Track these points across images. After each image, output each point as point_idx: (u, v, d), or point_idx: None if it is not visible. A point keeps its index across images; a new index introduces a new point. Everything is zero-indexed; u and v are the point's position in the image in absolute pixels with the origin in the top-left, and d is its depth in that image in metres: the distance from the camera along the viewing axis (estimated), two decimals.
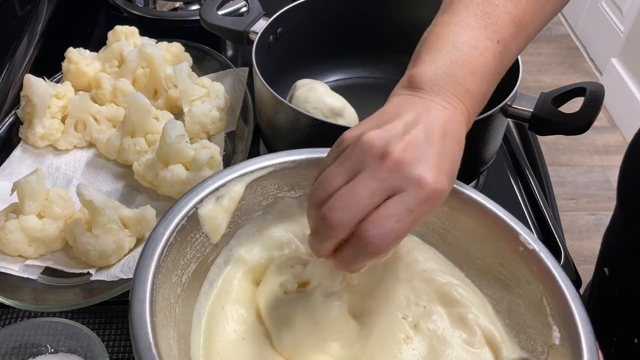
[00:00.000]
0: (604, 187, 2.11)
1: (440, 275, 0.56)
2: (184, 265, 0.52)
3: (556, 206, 0.89)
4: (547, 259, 0.51)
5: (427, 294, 0.55)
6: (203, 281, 0.54)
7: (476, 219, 0.56)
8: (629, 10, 2.33)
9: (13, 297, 0.63)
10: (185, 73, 0.82)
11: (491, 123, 0.70)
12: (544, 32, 2.54)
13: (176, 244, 0.50)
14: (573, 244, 1.90)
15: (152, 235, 0.49)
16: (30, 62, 0.97)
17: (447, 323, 0.54)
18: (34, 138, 0.80)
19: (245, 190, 0.56)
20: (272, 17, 0.82)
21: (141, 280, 0.46)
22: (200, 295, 0.54)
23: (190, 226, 0.52)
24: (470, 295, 0.55)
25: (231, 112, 0.85)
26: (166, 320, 0.47)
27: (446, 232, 0.58)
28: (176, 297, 0.50)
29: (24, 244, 0.67)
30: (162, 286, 0.47)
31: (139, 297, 0.45)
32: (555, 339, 0.49)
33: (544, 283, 0.51)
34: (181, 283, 0.51)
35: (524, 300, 0.53)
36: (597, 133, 2.29)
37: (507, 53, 0.52)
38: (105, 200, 0.67)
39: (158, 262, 0.47)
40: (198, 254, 0.54)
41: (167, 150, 0.71)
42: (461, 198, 0.56)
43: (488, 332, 0.53)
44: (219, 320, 0.52)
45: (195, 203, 0.52)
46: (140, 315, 0.44)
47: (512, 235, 0.54)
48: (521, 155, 0.88)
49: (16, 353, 0.57)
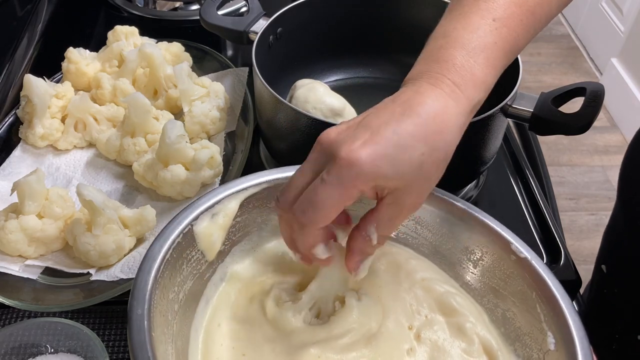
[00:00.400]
0: (604, 187, 2.11)
1: (439, 284, 0.57)
2: (181, 282, 0.52)
3: (556, 206, 0.89)
4: (539, 267, 0.52)
5: (428, 303, 0.56)
6: (200, 298, 0.55)
7: (467, 230, 0.57)
8: (629, 10, 2.33)
9: (13, 297, 0.63)
10: (185, 73, 0.81)
11: (491, 123, 0.70)
12: (544, 32, 2.52)
13: (172, 261, 0.50)
14: (573, 244, 1.90)
15: (148, 252, 0.49)
16: (30, 62, 0.97)
17: (447, 333, 0.54)
18: (34, 138, 0.80)
19: (240, 207, 0.56)
20: (272, 17, 0.82)
21: (139, 296, 0.46)
22: (197, 312, 0.54)
23: (186, 243, 0.52)
24: (468, 304, 0.56)
25: (231, 112, 0.85)
26: (164, 337, 0.47)
27: (440, 245, 0.59)
28: (174, 313, 0.50)
29: (24, 244, 0.66)
30: (159, 302, 0.48)
31: (137, 312, 0.45)
32: (550, 344, 0.50)
33: (537, 290, 0.52)
34: (178, 300, 0.51)
35: (517, 308, 0.54)
36: (597, 133, 2.29)
37: (509, 32, 0.51)
38: (105, 200, 0.67)
39: (155, 278, 0.48)
40: (194, 271, 0.54)
41: (167, 151, 0.71)
42: (452, 210, 0.57)
43: (485, 341, 0.53)
44: (215, 338, 0.52)
45: (191, 220, 0.53)
46: (139, 330, 0.44)
47: (504, 244, 0.54)
48: (521, 155, 0.88)
49: (16, 353, 0.57)
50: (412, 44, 0.92)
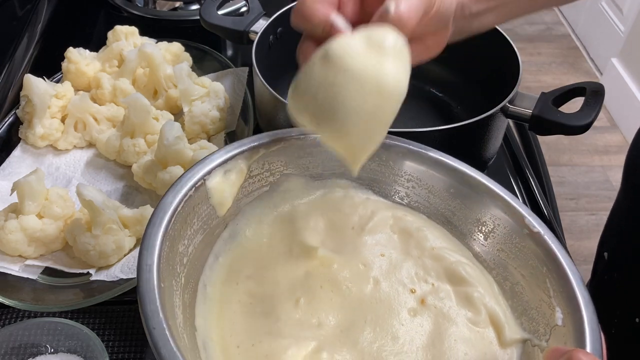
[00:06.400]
0: (604, 187, 2.11)
1: (449, 253, 0.57)
2: (191, 235, 0.52)
3: (556, 206, 0.89)
4: (552, 242, 0.52)
5: (436, 271, 0.56)
6: (209, 253, 0.55)
7: (482, 202, 0.57)
8: (629, 10, 2.33)
9: (13, 297, 0.63)
10: (185, 73, 0.81)
11: (491, 123, 0.70)
12: (544, 32, 2.53)
13: (183, 214, 0.50)
14: (573, 244, 1.90)
15: (160, 204, 0.49)
16: (30, 62, 0.97)
17: (453, 301, 0.54)
18: (34, 138, 0.80)
19: (253, 165, 0.57)
20: (272, 17, 0.82)
21: (149, 246, 0.46)
22: (205, 267, 0.54)
23: (198, 197, 0.52)
24: (478, 275, 0.56)
25: (231, 112, 0.85)
26: (172, 288, 0.47)
27: (451, 215, 0.59)
28: (182, 266, 0.50)
29: (24, 244, 0.67)
30: (168, 254, 0.48)
31: (147, 262, 0.45)
32: (558, 319, 0.49)
33: (547, 265, 0.52)
34: (187, 253, 0.51)
35: (527, 282, 0.54)
36: (597, 133, 2.29)
37: None
38: (105, 200, 0.67)
39: (166, 229, 0.48)
40: (205, 225, 0.54)
41: (165, 152, 0.71)
42: (467, 181, 0.57)
43: (493, 312, 0.53)
44: (233, 296, 0.53)
45: (204, 174, 0.53)
46: (148, 281, 0.44)
47: (518, 218, 0.55)
48: (521, 155, 0.88)
49: (16, 353, 0.57)
50: None
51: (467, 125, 0.67)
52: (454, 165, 0.58)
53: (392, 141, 0.59)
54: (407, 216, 0.60)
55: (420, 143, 0.60)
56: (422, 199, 0.61)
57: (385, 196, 0.62)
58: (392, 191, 0.61)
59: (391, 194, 0.61)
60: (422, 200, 0.61)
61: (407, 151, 0.59)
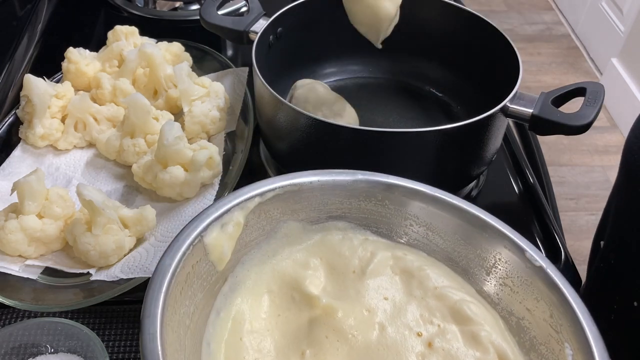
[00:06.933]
0: (604, 187, 2.10)
1: (453, 292, 0.56)
2: (192, 295, 0.51)
3: (556, 206, 0.89)
4: (555, 276, 0.51)
5: (441, 311, 0.55)
6: (210, 310, 0.53)
7: (483, 238, 0.57)
8: (629, 10, 2.33)
9: (13, 297, 0.63)
10: (185, 73, 0.81)
11: (491, 123, 0.70)
12: (544, 32, 2.52)
13: (183, 274, 0.49)
14: (573, 244, 1.90)
15: (159, 266, 0.48)
16: (30, 62, 0.97)
17: (460, 342, 0.53)
18: (34, 138, 0.80)
19: (249, 215, 0.56)
20: (272, 17, 0.82)
21: (151, 314, 0.45)
22: (207, 324, 0.53)
23: (196, 255, 0.51)
24: (483, 312, 0.55)
25: (231, 112, 0.85)
26: (177, 354, 0.46)
27: (452, 251, 0.59)
28: (185, 328, 0.49)
29: (24, 244, 0.66)
30: (171, 319, 0.47)
31: (149, 331, 0.44)
32: (568, 356, 0.49)
33: (552, 300, 0.51)
34: (189, 314, 0.50)
35: (532, 317, 0.53)
36: (597, 133, 2.29)
37: None
38: (105, 200, 0.67)
39: (166, 294, 0.46)
40: (204, 282, 0.53)
41: (165, 152, 0.71)
42: (466, 218, 0.57)
43: (501, 350, 0.52)
44: (239, 352, 0.52)
45: (200, 231, 0.52)
46: (152, 352, 0.43)
47: (519, 252, 0.54)
48: (521, 155, 0.88)
49: (16, 353, 0.57)
50: (412, 44, 0.92)
51: (467, 125, 0.67)
52: (452, 202, 0.58)
53: (390, 180, 0.59)
54: (407, 255, 0.59)
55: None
56: (421, 236, 0.60)
57: (383, 235, 0.61)
58: (390, 230, 0.61)
59: (390, 233, 0.61)
60: (421, 238, 0.60)
61: (405, 190, 0.59)
